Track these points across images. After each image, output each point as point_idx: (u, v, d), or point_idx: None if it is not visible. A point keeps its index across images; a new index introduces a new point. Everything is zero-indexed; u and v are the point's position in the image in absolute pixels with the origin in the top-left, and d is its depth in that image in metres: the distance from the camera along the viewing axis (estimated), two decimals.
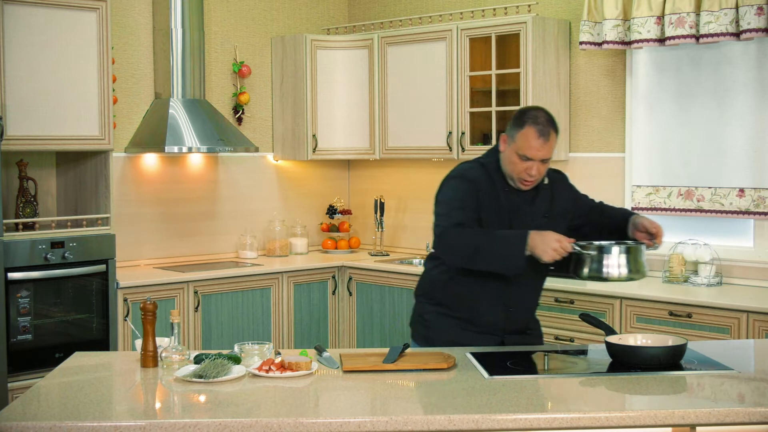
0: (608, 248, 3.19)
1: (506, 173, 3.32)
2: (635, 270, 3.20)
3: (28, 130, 4.90)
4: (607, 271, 3.18)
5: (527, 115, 3.24)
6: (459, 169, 3.41)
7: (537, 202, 3.37)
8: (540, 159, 3.22)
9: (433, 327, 3.45)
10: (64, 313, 5.07)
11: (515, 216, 3.32)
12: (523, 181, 3.29)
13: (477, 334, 3.38)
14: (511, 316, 3.39)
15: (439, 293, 3.46)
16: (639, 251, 3.24)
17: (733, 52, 4.99)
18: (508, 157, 3.27)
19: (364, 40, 6.28)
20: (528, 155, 3.21)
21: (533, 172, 3.24)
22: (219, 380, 2.85)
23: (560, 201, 3.44)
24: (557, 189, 3.45)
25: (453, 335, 3.39)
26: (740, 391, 2.81)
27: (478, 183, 3.31)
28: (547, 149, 3.22)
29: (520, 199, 3.35)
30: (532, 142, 3.20)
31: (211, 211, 6.25)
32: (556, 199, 3.42)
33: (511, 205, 3.32)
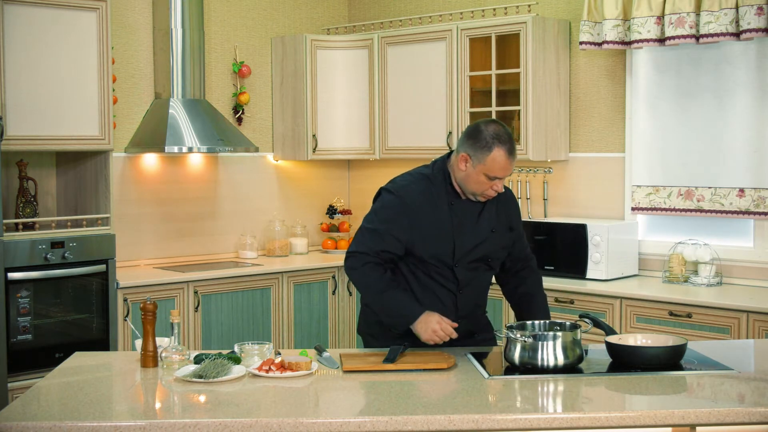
0: (544, 336, 3.00)
1: (466, 190, 3.28)
2: (572, 357, 3.00)
3: (28, 130, 4.90)
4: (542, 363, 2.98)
5: (491, 136, 3.18)
6: (399, 182, 3.36)
7: (484, 214, 3.35)
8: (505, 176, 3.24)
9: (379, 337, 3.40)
10: (64, 313, 5.07)
11: (460, 230, 3.30)
12: (486, 197, 3.29)
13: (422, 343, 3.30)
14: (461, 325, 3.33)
15: None
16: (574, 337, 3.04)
17: (733, 52, 4.99)
18: (472, 177, 3.22)
19: (364, 40, 6.28)
20: (499, 176, 3.21)
21: (499, 187, 3.25)
22: (219, 380, 2.85)
23: (506, 216, 3.43)
24: (503, 204, 3.42)
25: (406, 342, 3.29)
26: (740, 391, 2.81)
27: (417, 200, 3.27)
28: (511, 168, 3.23)
29: (467, 212, 3.32)
30: (503, 162, 3.18)
31: (211, 211, 6.25)
32: (501, 213, 3.41)
33: (455, 219, 3.30)
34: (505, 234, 3.42)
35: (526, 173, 5.89)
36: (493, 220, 3.37)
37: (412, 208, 3.26)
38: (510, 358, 3.02)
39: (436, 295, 3.34)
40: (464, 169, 3.23)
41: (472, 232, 3.32)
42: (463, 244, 3.30)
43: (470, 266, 3.35)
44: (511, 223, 3.45)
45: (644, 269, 5.37)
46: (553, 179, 5.79)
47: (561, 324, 3.15)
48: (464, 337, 3.38)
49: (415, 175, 3.36)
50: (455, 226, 3.29)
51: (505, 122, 5.71)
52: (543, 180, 5.83)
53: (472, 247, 3.33)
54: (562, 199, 5.76)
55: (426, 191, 3.29)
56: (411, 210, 3.26)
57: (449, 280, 3.34)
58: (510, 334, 3.01)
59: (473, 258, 3.34)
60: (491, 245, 3.37)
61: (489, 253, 3.38)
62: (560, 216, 5.71)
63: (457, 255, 3.30)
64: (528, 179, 5.90)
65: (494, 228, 3.37)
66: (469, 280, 3.36)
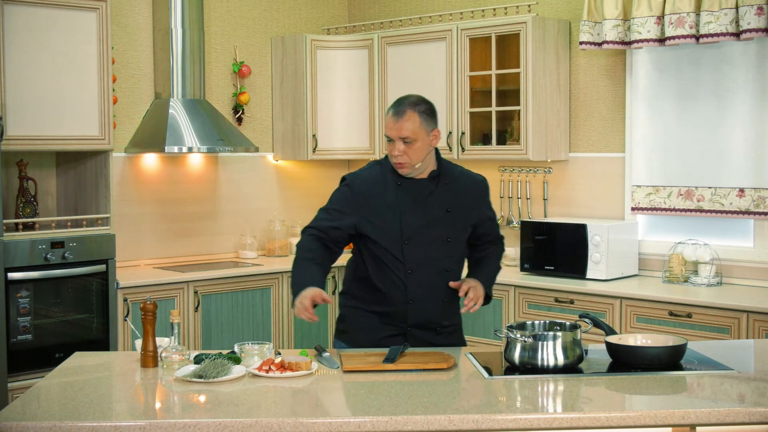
0: (544, 336, 2.99)
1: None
2: (572, 356, 3.00)
3: (28, 130, 4.90)
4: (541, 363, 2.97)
5: (395, 101, 3.39)
6: (356, 171, 3.54)
7: (435, 195, 3.41)
8: (398, 138, 3.31)
9: (349, 322, 3.51)
10: (64, 313, 5.07)
11: (408, 209, 3.38)
12: (396, 164, 3.37)
13: (385, 325, 3.41)
14: (411, 309, 3.39)
15: (354, 288, 3.52)
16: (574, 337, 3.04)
17: (733, 52, 4.99)
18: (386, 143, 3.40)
19: (364, 40, 6.28)
20: (387, 135, 3.35)
21: (395, 152, 3.32)
22: (219, 380, 2.85)
23: (465, 201, 3.47)
24: (464, 189, 3.48)
25: (365, 329, 3.42)
26: (740, 391, 2.81)
27: (364, 185, 3.43)
28: (400, 127, 3.31)
29: (417, 192, 3.40)
30: (388, 121, 3.35)
31: (211, 211, 6.25)
32: (459, 196, 3.45)
33: (403, 197, 3.38)
34: (464, 215, 3.46)
35: (526, 173, 5.89)
36: (448, 200, 3.42)
37: (359, 192, 3.41)
38: (510, 358, 3.02)
39: (387, 276, 3.39)
40: None
41: (421, 210, 3.39)
42: (410, 221, 3.37)
43: (425, 246, 3.39)
44: (475, 207, 3.50)
45: (644, 269, 5.37)
46: (553, 179, 5.79)
47: (561, 324, 3.15)
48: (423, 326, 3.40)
49: (371, 163, 3.54)
50: (402, 203, 3.38)
51: (505, 122, 5.74)
52: (543, 180, 5.83)
53: (423, 225, 3.38)
54: (562, 199, 5.76)
55: (375, 176, 3.44)
56: (358, 194, 3.41)
57: (399, 261, 3.38)
58: (510, 334, 3.02)
59: (429, 237, 3.39)
60: (448, 225, 3.42)
61: (447, 233, 3.42)
62: (560, 216, 5.71)
63: (405, 232, 3.36)
64: (528, 179, 5.90)
65: (449, 208, 3.42)
66: (420, 260, 3.39)
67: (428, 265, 3.41)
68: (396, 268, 3.38)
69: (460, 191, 3.47)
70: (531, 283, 5.22)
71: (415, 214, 3.38)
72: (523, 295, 5.24)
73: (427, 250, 3.40)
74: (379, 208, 3.39)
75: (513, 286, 5.28)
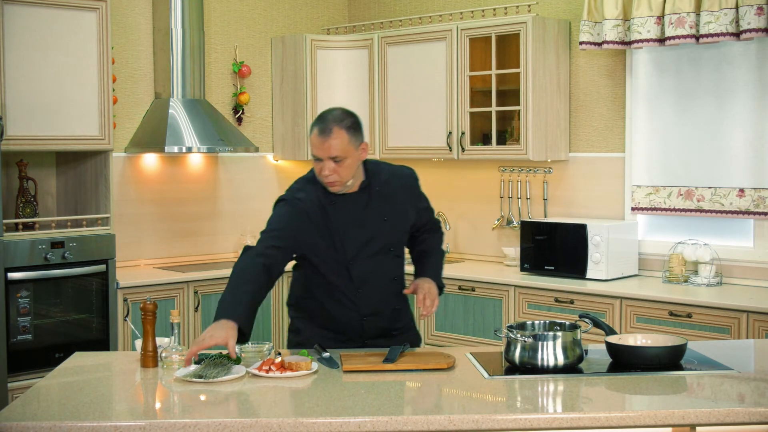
0: (543, 336, 2.98)
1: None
2: (572, 356, 2.99)
3: (28, 130, 4.90)
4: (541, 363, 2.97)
5: (318, 116, 3.23)
6: (289, 190, 3.36)
7: (371, 206, 3.31)
8: (327, 157, 3.16)
9: (303, 335, 3.41)
10: (64, 313, 5.07)
11: (348, 229, 3.26)
12: (327, 183, 3.22)
13: (341, 342, 3.34)
14: (366, 324, 3.35)
15: (303, 304, 3.44)
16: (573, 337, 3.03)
17: (733, 52, 4.99)
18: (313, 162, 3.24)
19: (364, 40, 6.28)
20: (315, 154, 3.19)
21: (326, 171, 3.17)
22: (219, 380, 2.85)
23: (400, 202, 3.38)
24: (395, 191, 3.37)
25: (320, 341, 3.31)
26: (740, 391, 2.81)
27: (305, 207, 3.25)
28: (328, 147, 3.15)
29: (352, 208, 3.28)
30: (314, 140, 3.17)
31: (211, 211, 6.25)
32: (393, 200, 3.35)
33: (340, 218, 3.26)
34: (402, 218, 3.38)
35: (526, 173, 5.89)
36: (384, 208, 3.32)
37: (299, 214, 3.24)
38: (510, 358, 3.02)
39: (336, 297, 3.32)
40: None
41: (360, 226, 3.28)
42: (352, 241, 3.27)
43: (370, 260, 3.31)
44: (409, 205, 3.41)
45: (644, 269, 5.37)
46: (553, 179, 5.79)
47: (561, 324, 3.15)
48: (378, 335, 3.38)
49: (301, 182, 3.35)
50: (340, 224, 3.26)
51: (505, 122, 5.73)
52: (543, 180, 5.83)
53: (365, 241, 3.29)
54: (562, 199, 5.76)
55: (310, 197, 3.27)
56: (298, 216, 3.24)
57: (347, 280, 3.30)
58: (510, 334, 3.01)
59: (371, 251, 3.31)
60: (388, 234, 3.34)
61: (388, 242, 3.35)
62: (560, 216, 5.71)
63: (349, 251, 3.27)
64: (528, 179, 5.90)
65: (387, 216, 3.32)
66: (367, 277, 3.31)
67: (376, 279, 3.34)
68: (345, 288, 3.31)
69: (393, 193, 3.36)
70: (531, 283, 5.22)
71: (354, 232, 3.28)
72: (523, 295, 5.24)
73: (372, 265, 3.32)
74: (318, 231, 3.26)
75: (513, 286, 5.28)
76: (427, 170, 6.39)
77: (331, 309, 3.35)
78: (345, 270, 3.30)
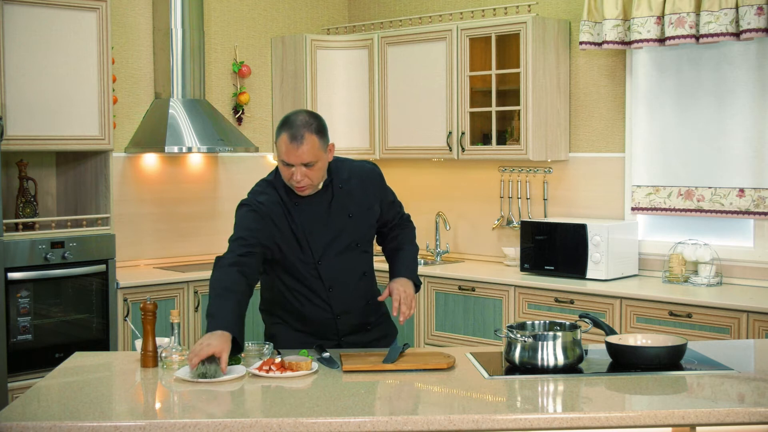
0: (544, 336, 2.98)
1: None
2: (572, 356, 2.99)
3: (28, 130, 4.90)
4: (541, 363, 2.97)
5: (284, 121, 3.15)
6: (250, 193, 3.31)
7: (334, 204, 3.28)
8: (300, 163, 3.11)
9: (280, 341, 3.37)
10: (64, 313, 5.07)
11: (310, 228, 3.24)
12: (297, 188, 3.18)
13: (317, 340, 3.31)
14: (340, 322, 3.34)
15: (275, 308, 3.42)
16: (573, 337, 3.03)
17: (733, 52, 4.99)
18: (279, 167, 3.19)
19: (364, 40, 6.28)
20: (286, 161, 3.12)
21: (297, 177, 3.13)
22: (219, 380, 2.85)
23: (365, 196, 3.35)
24: (359, 186, 3.34)
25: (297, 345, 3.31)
26: (740, 391, 2.81)
27: (269, 209, 3.21)
28: (301, 153, 3.09)
29: (316, 208, 3.26)
30: (285, 147, 3.10)
31: (211, 211, 6.25)
32: (357, 195, 3.33)
33: (304, 218, 3.24)
34: (367, 214, 3.36)
35: (526, 173, 5.89)
36: (347, 204, 3.30)
37: (264, 216, 3.21)
38: (510, 358, 3.02)
39: (307, 298, 3.31)
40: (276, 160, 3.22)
41: (325, 225, 3.26)
42: (318, 240, 3.25)
43: (338, 258, 3.29)
44: (374, 200, 3.38)
45: (644, 269, 5.37)
46: (553, 179, 5.79)
47: (561, 324, 3.15)
48: (353, 332, 3.37)
49: (261, 185, 3.31)
50: (305, 224, 3.24)
51: (505, 122, 5.73)
52: (543, 180, 5.83)
53: (330, 240, 3.27)
54: (562, 199, 5.76)
55: (273, 199, 3.23)
56: (263, 218, 3.21)
57: (317, 279, 3.29)
58: (510, 334, 3.01)
59: (338, 249, 3.29)
60: (354, 230, 3.32)
61: (354, 238, 3.33)
62: (560, 216, 5.71)
63: (316, 251, 3.25)
64: (528, 179, 5.90)
65: (351, 213, 3.31)
66: (337, 275, 3.30)
67: (346, 277, 3.32)
68: (315, 288, 3.30)
69: (356, 189, 3.33)
70: (531, 283, 5.22)
71: (320, 230, 3.26)
72: (523, 295, 5.24)
73: (341, 263, 3.30)
74: (284, 233, 3.23)
75: (513, 286, 5.28)
76: (427, 170, 6.39)
77: (304, 310, 3.32)
78: (314, 270, 3.27)
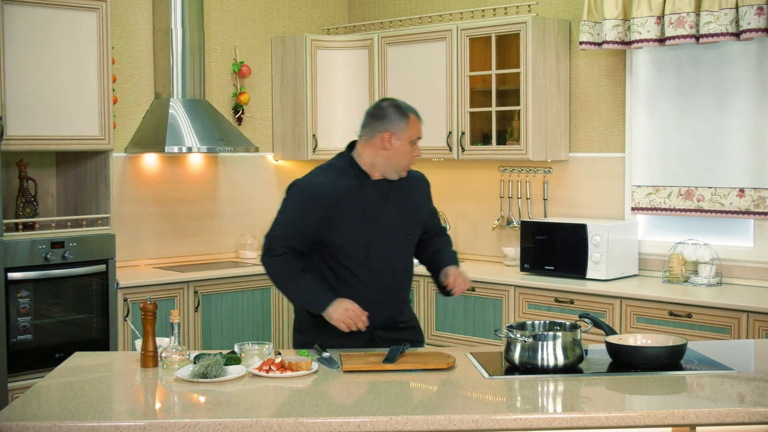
0: (544, 336, 2.99)
1: (391, 168, 3.40)
2: (572, 356, 3.00)
3: (28, 130, 4.90)
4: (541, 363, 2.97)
5: (399, 107, 3.39)
6: (308, 178, 3.44)
7: (391, 195, 3.43)
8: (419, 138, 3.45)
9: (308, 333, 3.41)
10: (64, 313, 5.07)
11: (371, 212, 3.38)
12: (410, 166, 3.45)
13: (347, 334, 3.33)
14: (376, 312, 3.37)
15: None
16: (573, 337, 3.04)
17: (733, 52, 4.99)
18: (401, 150, 3.38)
19: (364, 40, 6.28)
20: (419, 136, 3.42)
21: (417, 151, 3.43)
22: (219, 380, 2.85)
23: (414, 198, 3.53)
24: (412, 186, 3.52)
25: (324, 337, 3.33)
26: (740, 391, 2.81)
27: (324, 190, 3.34)
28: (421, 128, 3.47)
29: (375, 195, 3.40)
30: (419, 123, 3.43)
31: (211, 211, 6.25)
32: (409, 194, 3.50)
33: (366, 200, 3.38)
34: (416, 213, 3.53)
35: (526, 173, 5.89)
36: (401, 200, 3.45)
37: (317, 200, 3.33)
38: (510, 358, 3.02)
39: (348, 283, 3.36)
40: (390, 147, 3.37)
41: (382, 212, 3.40)
42: (373, 223, 3.38)
43: (388, 246, 3.41)
44: (422, 202, 3.57)
45: (644, 269, 5.37)
46: (553, 179, 5.79)
47: (561, 324, 3.15)
48: (385, 326, 3.41)
49: (319, 169, 3.47)
50: (366, 206, 3.37)
51: (505, 122, 5.74)
52: (543, 180, 5.83)
53: (384, 227, 3.40)
54: (562, 199, 5.76)
55: (332, 181, 3.37)
56: (316, 202, 3.33)
57: (362, 265, 3.37)
58: (510, 334, 3.02)
59: (389, 237, 3.42)
60: (405, 223, 3.47)
61: (405, 231, 3.48)
62: (560, 216, 5.71)
63: (369, 234, 3.36)
64: (528, 179, 5.90)
65: (404, 207, 3.46)
66: (383, 262, 3.40)
67: (391, 266, 3.43)
68: (359, 272, 3.37)
69: (409, 187, 3.50)
70: (531, 283, 5.22)
71: (376, 215, 3.39)
72: (523, 295, 5.24)
73: (389, 250, 3.42)
74: (339, 212, 3.33)
75: (513, 286, 5.28)
76: (427, 170, 6.34)
77: (343, 293, 3.35)
78: (364, 253, 3.36)
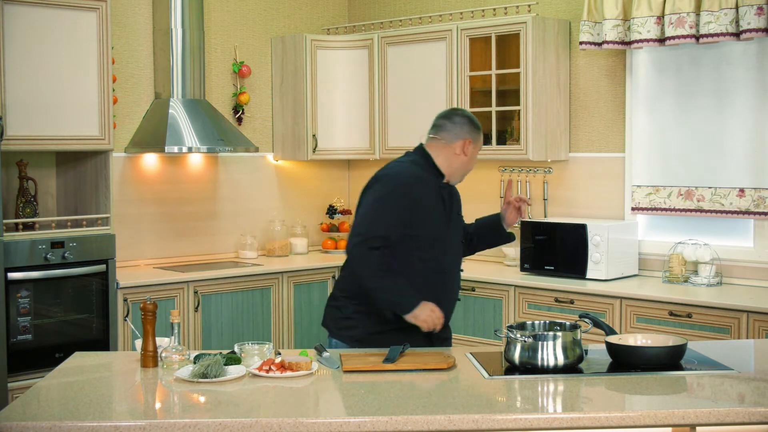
0: (543, 336, 2.99)
1: (458, 174, 3.51)
2: (572, 356, 3.00)
3: (28, 130, 4.90)
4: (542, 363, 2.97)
5: (475, 120, 3.52)
6: (393, 168, 3.46)
7: (452, 200, 3.55)
8: None
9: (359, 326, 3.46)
10: (64, 313, 5.07)
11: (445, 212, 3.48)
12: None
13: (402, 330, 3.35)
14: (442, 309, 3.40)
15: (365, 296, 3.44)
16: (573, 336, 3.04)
17: (733, 52, 4.99)
18: (472, 158, 3.50)
19: (364, 40, 6.28)
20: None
21: None
22: (219, 380, 2.85)
23: (459, 205, 3.64)
24: (455, 194, 3.62)
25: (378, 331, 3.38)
26: (740, 391, 2.81)
27: (412, 184, 3.40)
28: None
29: (447, 196, 3.51)
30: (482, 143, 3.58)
31: (211, 211, 6.25)
32: (456, 200, 3.61)
33: (444, 202, 3.48)
34: (460, 218, 3.65)
35: (526, 173, 5.89)
36: (455, 203, 3.58)
37: (408, 191, 3.37)
38: (510, 358, 3.02)
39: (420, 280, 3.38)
40: (467, 154, 3.46)
41: (449, 213, 3.51)
42: (447, 223, 3.49)
43: (453, 247, 3.53)
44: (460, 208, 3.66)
45: (644, 269, 5.37)
46: (553, 179, 5.79)
47: (561, 324, 3.15)
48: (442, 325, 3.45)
49: (405, 162, 3.49)
50: (444, 204, 3.47)
51: (505, 122, 5.75)
52: (543, 180, 5.83)
53: (452, 227, 3.53)
54: (562, 199, 5.76)
55: (419, 175, 3.43)
56: (408, 194, 3.37)
57: (437, 263, 3.43)
58: (510, 334, 3.02)
59: (455, 237, 3.55)
60: (458, 226, 3.60)
61: (459, 232, 3.61)
62: (560, 216, 5.71)
63: (445, 234, 3.46)
64: (528, 179, 5.90)
65: (457, 211, 3.60)
66: (452, 262, 3.52)
67: (455, 266, 3.54)
68: (432, 270, 3.42)
69: (454, 194, 3.60)
70: (531, 283, 5.22)
71: (448, 216, 3.49)
72: (523, 295, 5.24)
73: (454, 251, 3.53)
74: (428, 209, 3.41)
75: (513, 286, 5.28)
76: None
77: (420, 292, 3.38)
78: (443, 252, 3.44)
